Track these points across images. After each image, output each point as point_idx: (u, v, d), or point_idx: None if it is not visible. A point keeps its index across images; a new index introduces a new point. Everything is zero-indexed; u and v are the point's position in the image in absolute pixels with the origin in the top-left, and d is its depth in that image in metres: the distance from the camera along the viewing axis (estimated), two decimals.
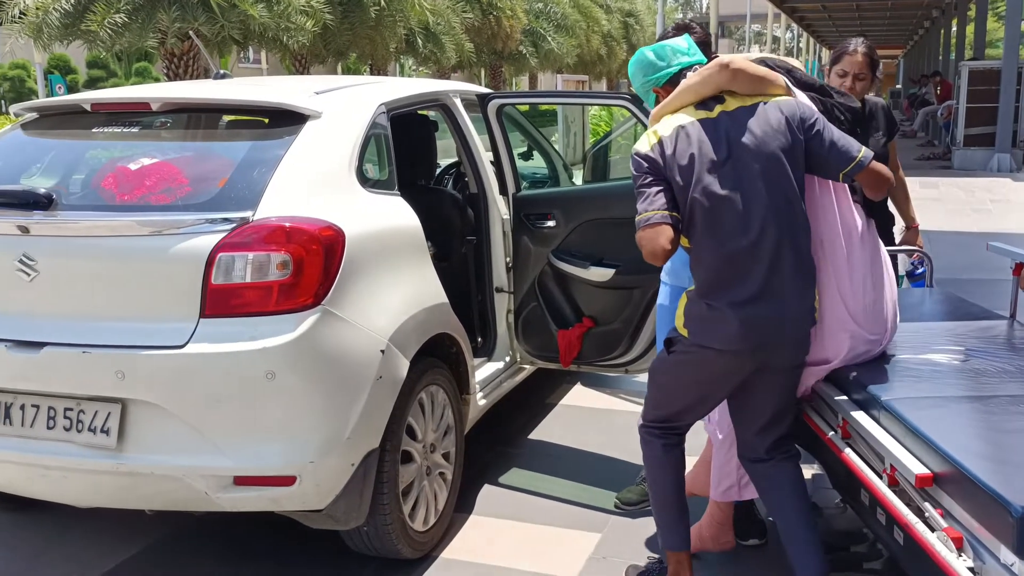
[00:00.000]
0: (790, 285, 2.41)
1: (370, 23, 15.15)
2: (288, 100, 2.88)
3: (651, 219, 2.35)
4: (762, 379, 2.51)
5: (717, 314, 2.41)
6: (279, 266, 2.52)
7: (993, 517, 1.84)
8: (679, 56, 2.58)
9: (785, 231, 2.38)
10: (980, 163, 13.60)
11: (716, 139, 2.38)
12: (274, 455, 2.54)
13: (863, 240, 2.56)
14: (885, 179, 2.47)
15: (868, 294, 2.56)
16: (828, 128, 2.44)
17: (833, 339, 2.57)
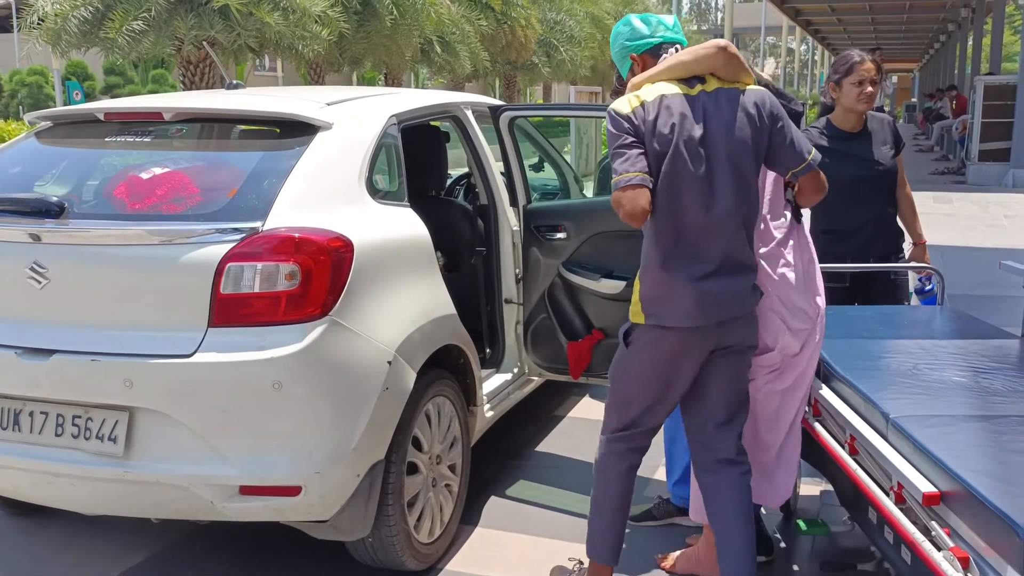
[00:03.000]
0: (742, 263, 2.51)
1: (385, 32, 15.20)
2: (299, 111, 2.89)
3: (632, 180, 2.39)
4: (717, 363, 2.56)
5: (675, 290, 2.47)
6: (287, 276, 2.53)
7: (1000, 538, 1.82)
8: (663, 29, 2.63)
9: (743, 212, 2.47)
10: (995, 178, 13.52)
11: (696, 115, 2.44)
12: (280, 465, 2.55)
13: (792, 237, 2.66)
14: (823, 187, 2.57)
15: (798, 287, 2.63)
16: (790, 125, 2.52)
17: (767, 326, 2.63)
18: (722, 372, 2.58)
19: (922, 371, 2.76)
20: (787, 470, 2.85)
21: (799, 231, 2.69)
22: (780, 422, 2.76)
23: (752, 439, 2.74)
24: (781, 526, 3.35)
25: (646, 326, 2.54)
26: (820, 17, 30.54)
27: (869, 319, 3.42)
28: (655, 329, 2.52)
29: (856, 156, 3.63)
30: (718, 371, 2.58)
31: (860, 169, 3.62)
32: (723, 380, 2.59)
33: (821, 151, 3.66)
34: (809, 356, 2.70)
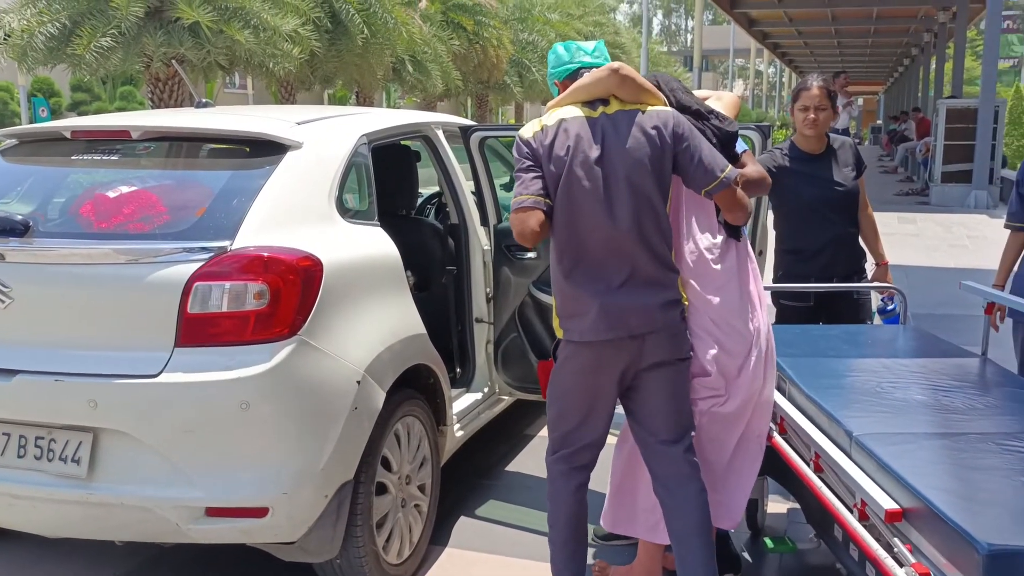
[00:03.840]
0: (650, 279, 2.54)
1: (356, 51, 15.23)
2: (269, 130, 2.89)
3: (523, 203, 2.50)
4: (648, 379, 2.59)
5: (581, 305, 2.53)
6: (256, 296, 2.52)
7: (960, 554, 1.86)
8: (582, 55, 2.70)
9: (644, 229, 2.52)
10: (958, 199, 13.78)
11: (593, 136, 2.51)
12: (247, 486, 2.53)
13: (727, 256, 2.67)
14: (741, 204, 2.58)
15: (732, 308, 2.64)
16: (699, 146, 2.54)
17: (700, 346, 2.64)
18: (657, 388, 2.61)
19: (885, 389, 2.80)
20: (739, 492, 2.85)
21: (738, 249, 2.71)
22: (726, 445, 2.77)
23: (701, 461, 2.74)
24: (749, 543, 3.37)
25: (565, 341, 2.61)
26: (787, 40, 31.07)
27: (834, 338, 3.47)
28: (571, 344, 2.59)
29: (818, 177, 3.70)
30: (652, 387, 2.61)
31: (822, 190, 3.69)
32: (660, 397, 2.61)
33: (783, 172, 3.73)
34: (752, 378, 2.70)
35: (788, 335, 3.50)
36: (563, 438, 2.71)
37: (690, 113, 2.67)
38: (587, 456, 2.72)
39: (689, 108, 2.68)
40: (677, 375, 2.63)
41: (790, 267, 3.81)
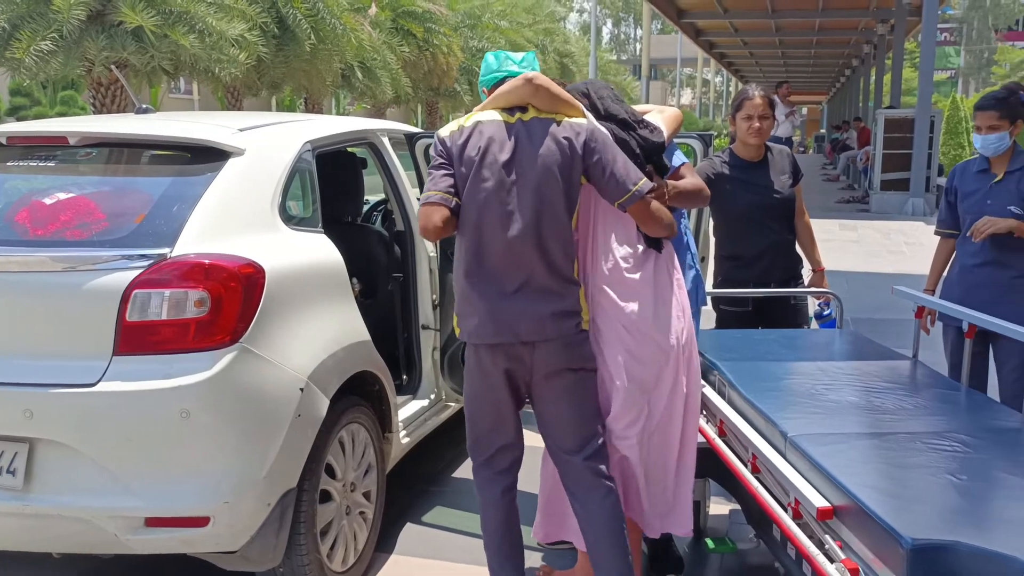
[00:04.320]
0: (544, 288, 2.56)
1: (305, 56, 15.12)
2: (210, 136, 2.88)
3: (430, 198, 2.56)
4: (544, 387, 2.62)
5: (473, 306, 2.58)
6: (196, 303, 2.50)
7: (886, 549, 1.92)
8: (509, 64, 2.76)
9: (546, 237, 2.54)
10: (896, 207, 14.14)
11: (504, 142, 2.56)
12: (187, 495, 2.51)
13: (644, 266, 2.68)
14: (655, 217, 2.61)
15: (647, 317, 2.65)
16: (614, 159, 2.57)
17: (612, 356, 2.66)
18: (555, 397, 2.63)
19: (820, 391, 2.88)
20: (684, 498, 2.88)
21: (657, 259, 2.73)
22: (667, 458, 2.80)
23: (648, 478, 2.78)
24: (691, 545, 3.43)
25: (467, 342, 2.65)
26: (733, 50, 31.62)
27: (771, 342, 3.56)
28: (470, 347, 2.64)
29: (756, 184, 3.79)
30: (549, 396, 2.63)
31: (760, 197, 3.77)
32: (559, 405, 2.64)
33: (722, 179, 3.81)
34: (672, 387, 2.72)
35: (727, 340, 3.58)
36: (477, 442, 2.75)
37: (616, 122, 2.71)
38: (506, 461, 2.74)
39: (616, 116, 2.72)
40: (576, 385, 2.64)
41: (729, 273, 3.90)
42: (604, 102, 2.75)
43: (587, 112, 2.68)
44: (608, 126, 2.69)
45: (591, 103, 2.75)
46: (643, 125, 2.73)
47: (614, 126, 2.69)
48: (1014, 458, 2.37)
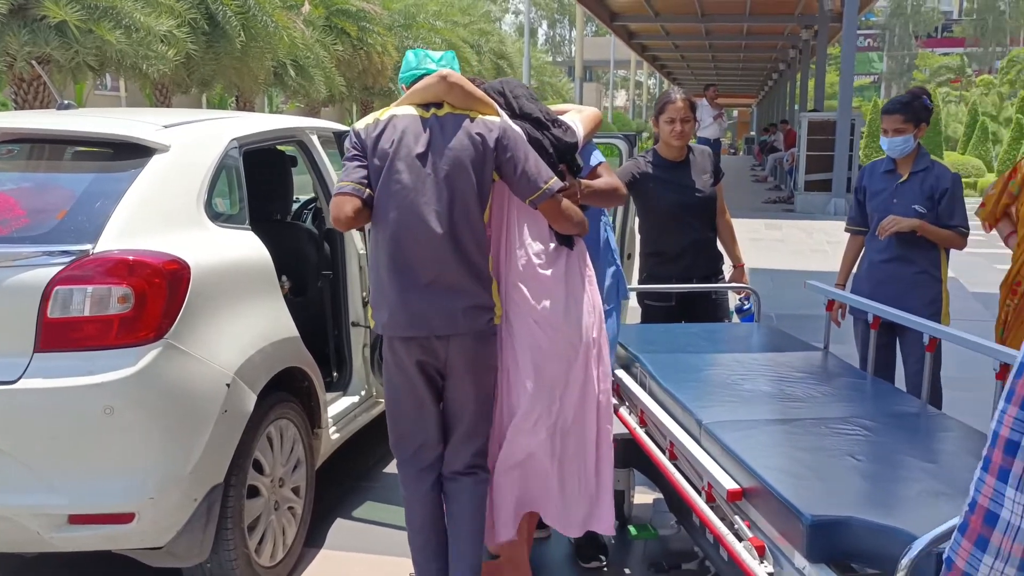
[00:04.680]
0: (456, 283, 2.61)
1: (235, 54, 14.89)
2: (134, 133, 2.87)
3: (343, 189, 2.61)
4: (457, 377, 2.69)
5: (386, 299, 2.63)
6: (120, 299, 2.50)
7: (789, 526, 2.03)
8: (428, 63, 2.81)
9: (458, 232, 2.60)
10: (819, 207, 14.59)
11: (418, 136, 2.62)
12: (111, 492, 2.50)
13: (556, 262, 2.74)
14: (565, 215, 2.68)
15: (557, 313, 2.72)
16: (525, 157, 2.64)
17: (523, 347, 2.74)
18: (463, 389, 2.70)
19: (735, 381, 3.01)
20: (605, 494, 2.93)
21: (569, 256, 2.78)
22: (587, 458, 2.86)
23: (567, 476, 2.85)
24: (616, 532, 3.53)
25: (381, 335, 2.70)
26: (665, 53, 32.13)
27: (692, 335, 3.68)
28: (387, 339, 2.69)
29: (678, 184, 3.91)
30: (454, 388, 2.70)
31: (681, 196, 3.90)
32: (466, 397, 2.71)
33: (646, 179, 3.93)
34: (583, 382, 2.78)
35: (650, 333, 3.70)
36: (400, 438, 2.79)
37: (530, 121, 2.78)
38: (429, 457, 2.79)
39: (530, 115, 2.79)
40: (483, 379, 2.71)
41: (653, 269, 4.02)
42: (519, 101, 2.82)
43: (501, 111, 2.75)
44: (522, 125, 2.75)
45: (506, 101, 2.81)
46: (557, 124, 2.80)
47: (528, 125, 2.76)
48: (910, 441, 2.52)
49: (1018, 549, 1.05)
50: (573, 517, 2.90)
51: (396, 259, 2.62)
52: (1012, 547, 1.05)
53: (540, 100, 2.94)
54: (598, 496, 2.92)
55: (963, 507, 1.12)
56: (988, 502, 1.08)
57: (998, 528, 1.07)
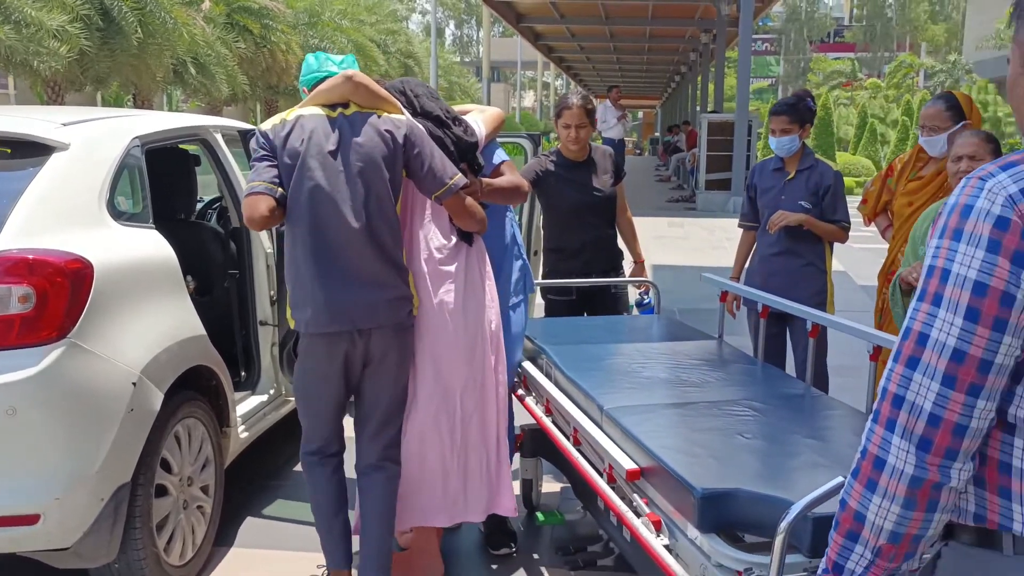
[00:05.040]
0: (374, 276, 2.68)
1: (132, 51, 14.48)
2: (31, 130, 2.82)
3: (255, 189, 2.65)
4: (371, 369, 2.76)
5: (308, 296, 2.68)
6: (21, 299, 2.47)
7: (682, 500, 2.17)
8: (330, 65, 2.87)
9: (373, 227, 2.66)
10: (719, 205, 15.08)
11: (328, 134, 2.68)
12: (15, 493, 2.47)
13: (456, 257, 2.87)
14: (468, 212, 2.79)
15: (457, 307, 2.84)
16: (432, 154, 2.73)
17: (422, 341, 2.85)
18: (381, 380, 2.78)
19: (635, 369, 3.15)
20: (505, 479, 3.07)
21: (468, 252, 2.89)
22: (488, 446, 2.99)
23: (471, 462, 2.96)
24: (525, 520, 3.65)
25: (301, 332, 2.74)
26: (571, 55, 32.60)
27: (595, 327, 3.82)
28: (305, 336, 2.73)
29: (578, 183, 4.04)
30: (372, 380, 2.78)
31: (581, 194, 4.03)
32: (376, 388, 2.79)
33: (548, 177, 4.05)
34: (483, 371, 2.90)
35: (555, 326, 3.82)
36: (311, 431, 2.84)
37: (431, 119, 2.86)
38: (334, 447, 2.86)
39: (431, 114, 2.87)
40: (395, 370, 2.79)
41: (555, 264, 4.14)
42: (420, 100, 2.89)
43: (404, 109, 2.82)
44: (424, 123, 2.83)
45: (407, 100, 2.88)
46: (457, 123, 2.89)
47: (429, 123, 2.84)
48: (795, 420, 2.71)
49: (902, 489, 1.19)
50: (477, 503, 3.00)
51: (316, 255, 2.65)
52: (897, 488, 1.20)
53: (447, 100, 3.03)
54: (499, 480, 3.04)
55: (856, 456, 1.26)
56: (877, 449, 1.22)
57: (885, 471, 1.21)
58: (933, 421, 1.16)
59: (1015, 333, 1.15)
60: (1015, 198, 1.15)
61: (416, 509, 2.96)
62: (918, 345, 1.19)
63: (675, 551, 2.20)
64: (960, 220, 1.19)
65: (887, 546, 1.22)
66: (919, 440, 1.17)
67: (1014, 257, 1.14)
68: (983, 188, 1.18)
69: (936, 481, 1.18)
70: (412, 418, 2.88)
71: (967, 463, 1.18)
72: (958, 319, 1.16)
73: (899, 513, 1.20)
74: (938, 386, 1.16)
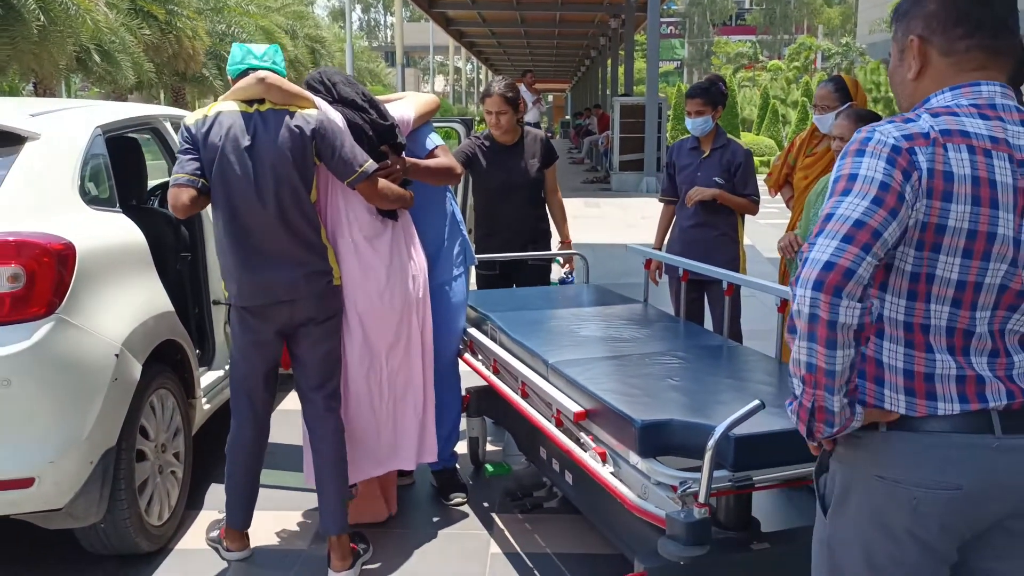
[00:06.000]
0: (292, 256, 2.96)
1: (33, 38, 14.10)
2: (4, 121, 2.98)
3: (179, 180, 2.92)
4: (300, 335, 3.07)
5: (234, 274, 2.99)
6: (10, 279, 2.65)
7: (624, 432, 2.52)
8: (251, 58, 3.08)
9: (288, 212, 2.93)
10: (633, 185, 15.64)
11: (244, 129, 2.94)
12: (12, 459, 2.66)
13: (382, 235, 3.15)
14: (381, 194, 3.04)
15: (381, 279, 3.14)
16: (341, 143, 2.97)
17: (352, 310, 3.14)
18: (308, 344, 3.08)
19: (573, 330, 3.50)
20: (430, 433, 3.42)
21: (395, 227, 3.18)
22: (415, 402, 3.32)
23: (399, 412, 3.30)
24: (472, 474, 3.97)
25: (233, 305, 3.05)
26: (482, 40, 32.81)
27: (533, 296, 4.16)
28: (235, 308, 3.04)
29: (506, 165, 4.35)
30: (303, 343, 3.08)
31: (508, 176, 4.35)
32: (309, 349, 3.08)
33: (478, 158, 4.36)
34: (407, 339, 3.24)
35: (495, 296, 4.15)
36: (239, 396, 3.14)
37: (348, 104, 3.11)
38: (254, 405, 3.17)
39: (347, 100, 3.13)
40: (324, 331, 3.08)
41: (481, 240, 4.47)
42: (337, 87, 3.14)
43: (320, 104, 3.04)
44: (342, 110, 3.08)
45: (326, 88, 3.13)
46: (373, 107, 3.13)
47: (347, 109, 3.09)
48: (715, 365, 3.10)
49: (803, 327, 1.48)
50: (407, 451, 3.36)
51: (236, 239, 2.94)
52: (803, 327, 1.49)
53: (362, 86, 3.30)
54: (424, 431, 3.40)
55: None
56: (794, 305, 1.51)
57: (797, 317, 1.49)
58: (827, 267, 1.47)
59: (900, 223, 1.50)
60: (899, 139, 1.53)
61: (354, 462, 3.26)
62: (825, 221, 1.52)
63: (620, 476, 2.55)
64: (861, 144, 1.55)
65: (807, 376, 1.52)
66: (813, 283, 1.47)
67: (903, 173, 1.50)
68: (875, 130, 1.55)
69: (827, 319, 1.46)
70: (346, 378, 3.20)
71: (851, 303, 1.46)
72: (864, 202, 1.49)
73: (806, 347, 1.51)
74: (837, 243, 1.48)
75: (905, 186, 1.50)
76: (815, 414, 1.55)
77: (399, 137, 3.18)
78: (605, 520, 2.83)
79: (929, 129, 1.53)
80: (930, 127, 1.53)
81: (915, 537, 1.56)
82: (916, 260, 1.54)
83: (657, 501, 2.38)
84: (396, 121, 3.20)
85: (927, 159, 1.51)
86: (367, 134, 3.08)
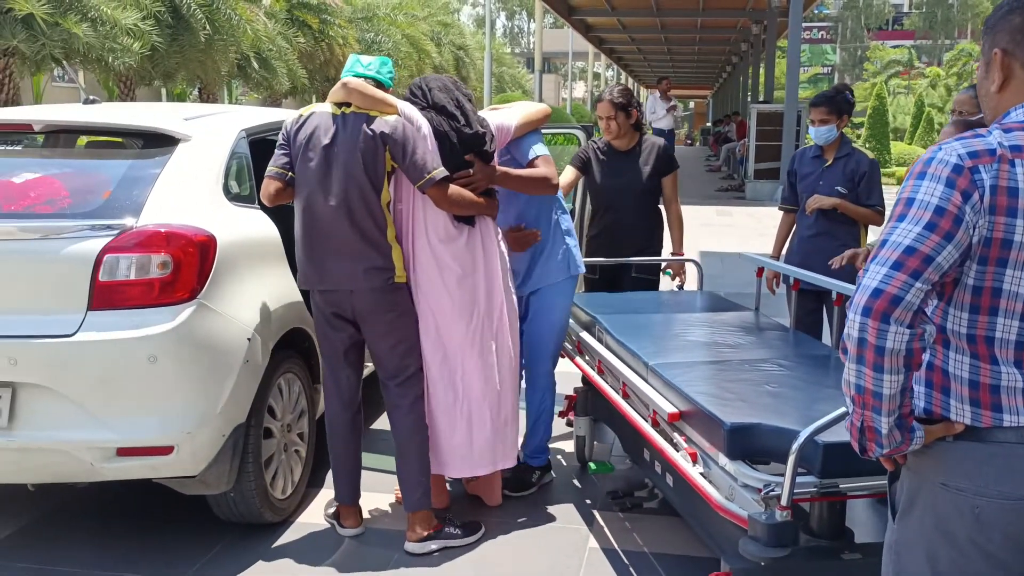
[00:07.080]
0: (353, 250, 3.15)
1: (200, 47, 15.16)
2: (162, 124, 3.32)
3: (269, 172, 3.23)
4: (367, 322, 3.26)
5: (305, 260, 3.23)
6: (160, 266, 2.96)
7: (714, 435, 2.57)
8: (358, 67, 3.30)
9: (354, 210, 3.12)
10: (767, 194, 15.29)
11: (329, 129, 3.16)
12: (154, 428, 2.97)
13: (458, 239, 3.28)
14: (450, 200, 3.17)
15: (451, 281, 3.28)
16: (414, 148, 3.11)
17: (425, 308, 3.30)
18: (373, 334, 3.28)
19: (677, 334, 3.56)
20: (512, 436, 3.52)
21: (471, 233, 3.30)
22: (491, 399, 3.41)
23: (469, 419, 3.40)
24: (579, 472, 4.07)
25: (300, 287, 3.32)
26: (621, 46, 32.76)
27: (643, 300, 4.22)
28: (311, 291, 3.30)
29: (620, 170, 4.42)
30: (370, 333, 3.29)
31: (620, 182, 4.42)
32: (376, 341, 3.30)
33: (592, 162, 4.45)
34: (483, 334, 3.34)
35: (606, 300, 4.23)
36: (331, 370, 3.37)
37: (438, 110, 3.26)
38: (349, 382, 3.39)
39: (438, 105, 3.28)
40: (388, 325, 3.26)
41: (588, 245, 4.54)
42: (432, 93, 3.29)
43: (404, 109, 3.20)
44: (431, 115, 3.24)
45: (422, 93, 3.30)
46: (463, 114, 3.26)
47: (436, 115, 3.24)
48: (817, 374, 3.09)
49: (853, 350, 1.53)
50: (483, 457, 3.45)
51: (306, 227, 3.19)
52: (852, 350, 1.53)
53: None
54: (505, 438, 3.48)
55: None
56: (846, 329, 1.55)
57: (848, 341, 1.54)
58: (876, 294, 1.51)
59: (957, 245, 1.52)
60: (963, 156, 1.55)
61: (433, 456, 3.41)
62: (880, 247, 1.56)
63: (709, 478, 2.60)
64: (924, 166, 1.59)
65: (856, 396, 1.58)
66: (862, 309, 1.52)
67: (963, 194, 1.52)
68: (941, 149, 1.57)
69: (875, 344, 1.50)
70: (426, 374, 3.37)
71: (900, 329, 1.49)
72: (917, 228, 1.52)
73: (855, 369, 1.56)
74: (887, 270, 1.51)
75: (964, 207, 1.52)
76: (865, 433, 1.59)
77: (487, 145, 3.30)
78: (698, 520, 2.88)
79: (997, 145, 1.54)
80: (998, 143, 1.54)
81: (978, 546, 1.57)
82: (979, 274, 1.56)
83: (742, 503, 2.42)
84: (489, 129, 3.33)
85: (991, 176, 1.52)
86: (450, 140, 3.24)
